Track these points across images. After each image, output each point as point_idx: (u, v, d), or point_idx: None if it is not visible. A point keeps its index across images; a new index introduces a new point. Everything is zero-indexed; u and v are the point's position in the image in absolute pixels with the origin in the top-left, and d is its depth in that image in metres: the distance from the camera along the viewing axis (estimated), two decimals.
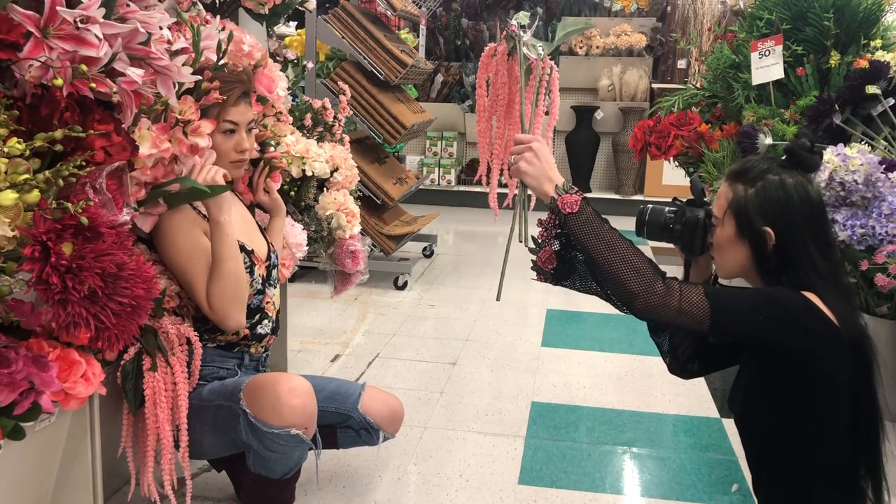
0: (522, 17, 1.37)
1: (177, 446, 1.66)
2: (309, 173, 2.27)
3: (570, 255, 1.29)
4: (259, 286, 1.84)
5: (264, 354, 1.94)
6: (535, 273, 1.34)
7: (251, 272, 1.81)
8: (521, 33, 1.37)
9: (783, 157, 1.32)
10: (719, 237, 1.34)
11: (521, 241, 1.44)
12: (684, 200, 1.46)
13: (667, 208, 1.46)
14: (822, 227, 1.29)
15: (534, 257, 1.33)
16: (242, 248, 1.79)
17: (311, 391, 1.71)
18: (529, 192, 1.42)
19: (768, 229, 1.27)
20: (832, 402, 1.21)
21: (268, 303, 1.89)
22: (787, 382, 1.23)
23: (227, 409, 1.69)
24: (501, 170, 1.52)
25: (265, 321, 1.88)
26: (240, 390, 1.70)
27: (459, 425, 2.57)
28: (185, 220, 1.69)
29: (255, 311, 1.85)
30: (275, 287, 1.93)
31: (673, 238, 1.45)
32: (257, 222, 1.98)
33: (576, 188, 1.31)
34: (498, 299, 1.56)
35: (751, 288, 1.33)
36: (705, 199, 1.44)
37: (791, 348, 1.20)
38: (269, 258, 1.91)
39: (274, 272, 1.94)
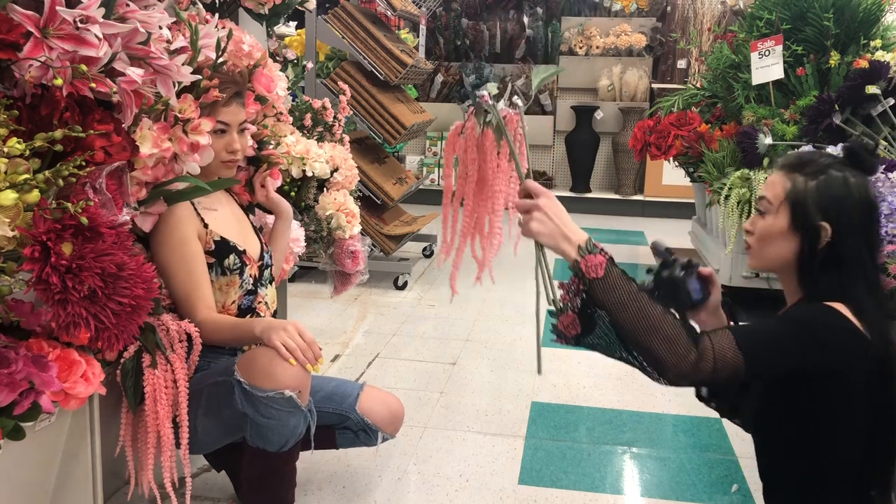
0: (492, 87, 1.30)
1: (177, 444, 1.65)
2: (309, 174, 2.27)
3: (593, 313, 1.21)
4: (250, 286, 1.84)
5: None
6: (554, 336, 1.27)
7: (241, 273, 1.80)
8: (493, 103, 1.30)
9: (843, 156, 1.28)
10: (769, 227, 1.28)
11: (550, 304, 1.34)
12: (656, 267, 1.42)
13: (646, 280, 1.42)
14: (876, 233, 1.25)
15: (554, 321, 1.25)
16: (233, 249, 1.78)
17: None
18: (545, 248, 1.29)
19: (826, 225, 1.22)
20: (852, 412, 1.19)
21: (259, 303, 1.88)
22: (808, 394, 1.21)
23: (222, 384, 1.67)
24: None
25: None
26: (234, 364, 1.69)
27: (459, 425, 2.58)
28: (177, 221, 1.68)
29: (246, 312, 1.84)
30: (268, 286, 1.92)
31: (664, 303, 1.42)
32: (251, 222, 1.96)
33: (599, 246, 1.22)
34: (539, 372, 1.49)
35: (776, 317, 1.27)
36: (673, 256, 1.41)
37: (823, 369, 1.18)
38: (261, 258, 1.90)
39: (267, 272, 1.92)
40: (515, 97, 1.28)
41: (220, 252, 1.76)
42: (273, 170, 2.05)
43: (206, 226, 1.75)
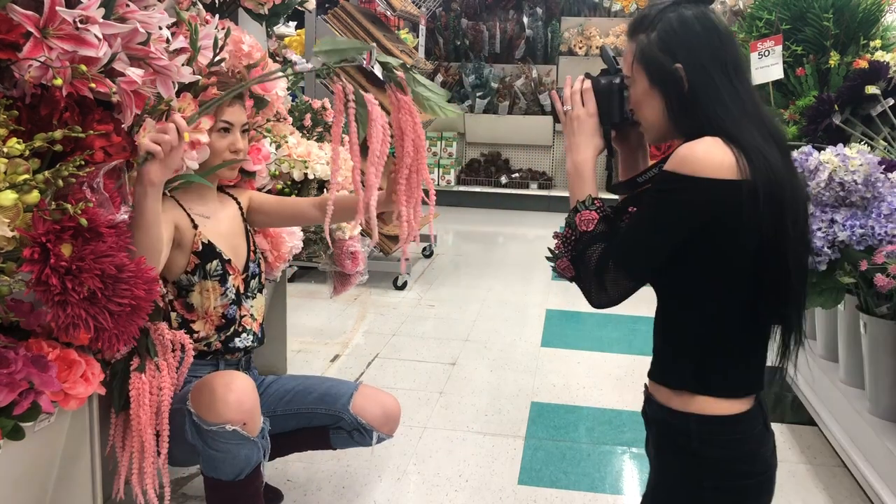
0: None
1: (160, 452, 1.63)
2: (311, 177, 2.27)
3: (582, 258, 1.27)
4: (233, 297, 1.81)
5: (243, 359, 1.89)
6: (555, 273, 1.33)
7: (222, 281, 1.78)
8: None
9: None
10: (634, 96, 1.27)
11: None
12: (597, 73, 1.38)
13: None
14: (734, 58, 1.20)
15: (552, 264, 1.32)
16: (218, 256, 1.77)
17: (247, 387, 1.68)
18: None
19: (679, 66, 1.19)
20: (735, 250, 1.14)
21: (244, 316, 1.84)
22: (696, 247, 1.16)
23: (180, 412, 1.66)
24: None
25: (244, 335, 1.84)
26: (189, 392, 1.69)
27: (459, 425, 2.57)
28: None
29: (231, 322, 1.81)
30: (255, 297, 1.88)
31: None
32: (246, 227, 1.92)
33: (598, 202, 1.26)
34: None
35: (638, 211, 1.24)
36: (619, 67, 1.36)
37: (700, 227, 1.14)
38: (247, 268, 1.86)
39: (253, 282, 1.87)
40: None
41: (206, 256, 1.75)
42: (253, 148, 2.00)
43: (195, 226, 1.74)
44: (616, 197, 1.38)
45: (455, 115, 1.48)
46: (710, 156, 1.12)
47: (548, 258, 1.31)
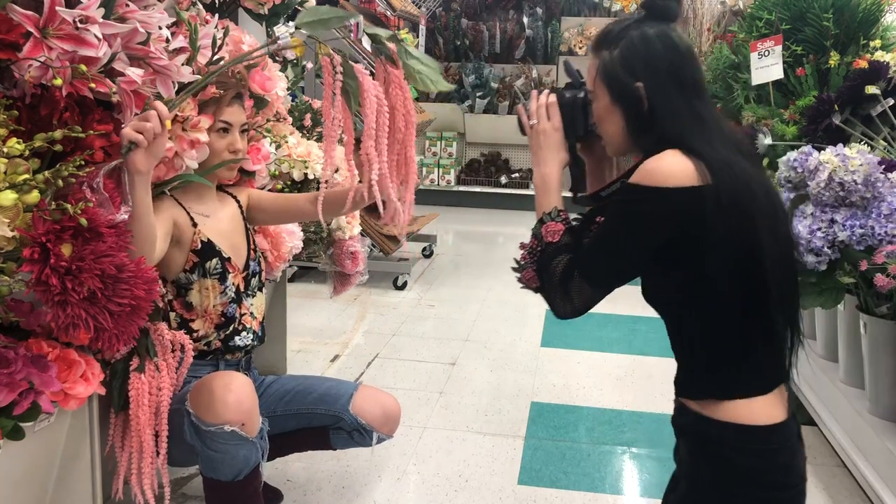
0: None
1: (159, 452, 1.64)
2: (311, 177, 2.27)
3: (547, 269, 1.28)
4: (233, 295, 1.81)
5: (244, 359, 1.89)
6: (520, 284, 1.34)
7: (221, 279, 1.78)
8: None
9: (642, 12, 1.27)
10: (597, 111, 1.29)
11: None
12: (562, 86, 1.41)
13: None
14: (693, 74, 1.22)
15: (518, 274, 1.32)
16: (218, 254, 1.77)
17: (246, 387, 1.68)
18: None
19: (639, 84, 1.20)
20: (705, 257, 1.13)
21: (244, 314, 1.84)
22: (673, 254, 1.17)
23: (179, 412, 1.66)
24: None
25: (244, 333, 1.84)
26: (188, 392, 1.69)
27: (459, 425, 2.58)
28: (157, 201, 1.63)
29: (231, 321, 1.81)
30: (255, 295, 1.89)
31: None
32: (246, 225, 1.92)
33: (563, 214, 1.30)
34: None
35: (604, 222, 1.25)
36: (583, 81, 1.38)
37: (670, 239, 1.15)
38: (247, 266, 1.86)
39: (253, 281, 1.87)
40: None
41: (205, 254, 1.75)
42: (253, 148, 2.01)
43: (194, 224, 1.74)
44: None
45: (448, 89, 1.48)
46: (672, 167, 1.13)
47: (513, 269, 1.32)
